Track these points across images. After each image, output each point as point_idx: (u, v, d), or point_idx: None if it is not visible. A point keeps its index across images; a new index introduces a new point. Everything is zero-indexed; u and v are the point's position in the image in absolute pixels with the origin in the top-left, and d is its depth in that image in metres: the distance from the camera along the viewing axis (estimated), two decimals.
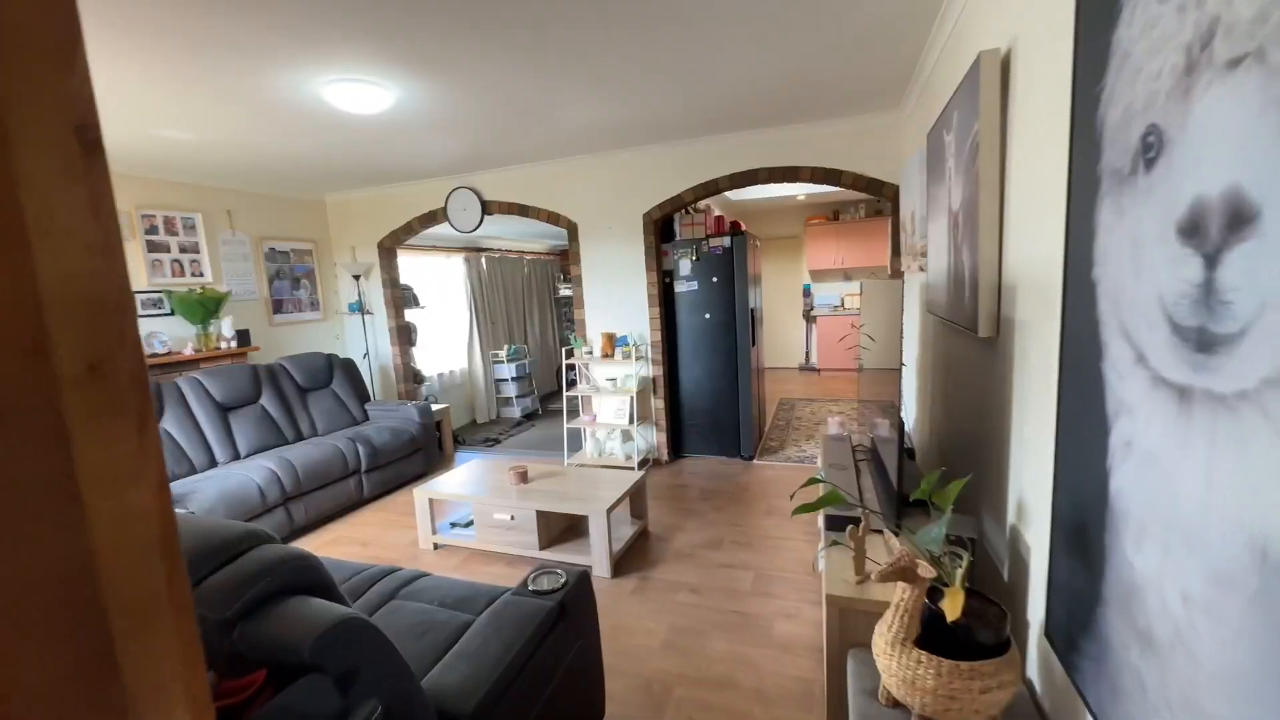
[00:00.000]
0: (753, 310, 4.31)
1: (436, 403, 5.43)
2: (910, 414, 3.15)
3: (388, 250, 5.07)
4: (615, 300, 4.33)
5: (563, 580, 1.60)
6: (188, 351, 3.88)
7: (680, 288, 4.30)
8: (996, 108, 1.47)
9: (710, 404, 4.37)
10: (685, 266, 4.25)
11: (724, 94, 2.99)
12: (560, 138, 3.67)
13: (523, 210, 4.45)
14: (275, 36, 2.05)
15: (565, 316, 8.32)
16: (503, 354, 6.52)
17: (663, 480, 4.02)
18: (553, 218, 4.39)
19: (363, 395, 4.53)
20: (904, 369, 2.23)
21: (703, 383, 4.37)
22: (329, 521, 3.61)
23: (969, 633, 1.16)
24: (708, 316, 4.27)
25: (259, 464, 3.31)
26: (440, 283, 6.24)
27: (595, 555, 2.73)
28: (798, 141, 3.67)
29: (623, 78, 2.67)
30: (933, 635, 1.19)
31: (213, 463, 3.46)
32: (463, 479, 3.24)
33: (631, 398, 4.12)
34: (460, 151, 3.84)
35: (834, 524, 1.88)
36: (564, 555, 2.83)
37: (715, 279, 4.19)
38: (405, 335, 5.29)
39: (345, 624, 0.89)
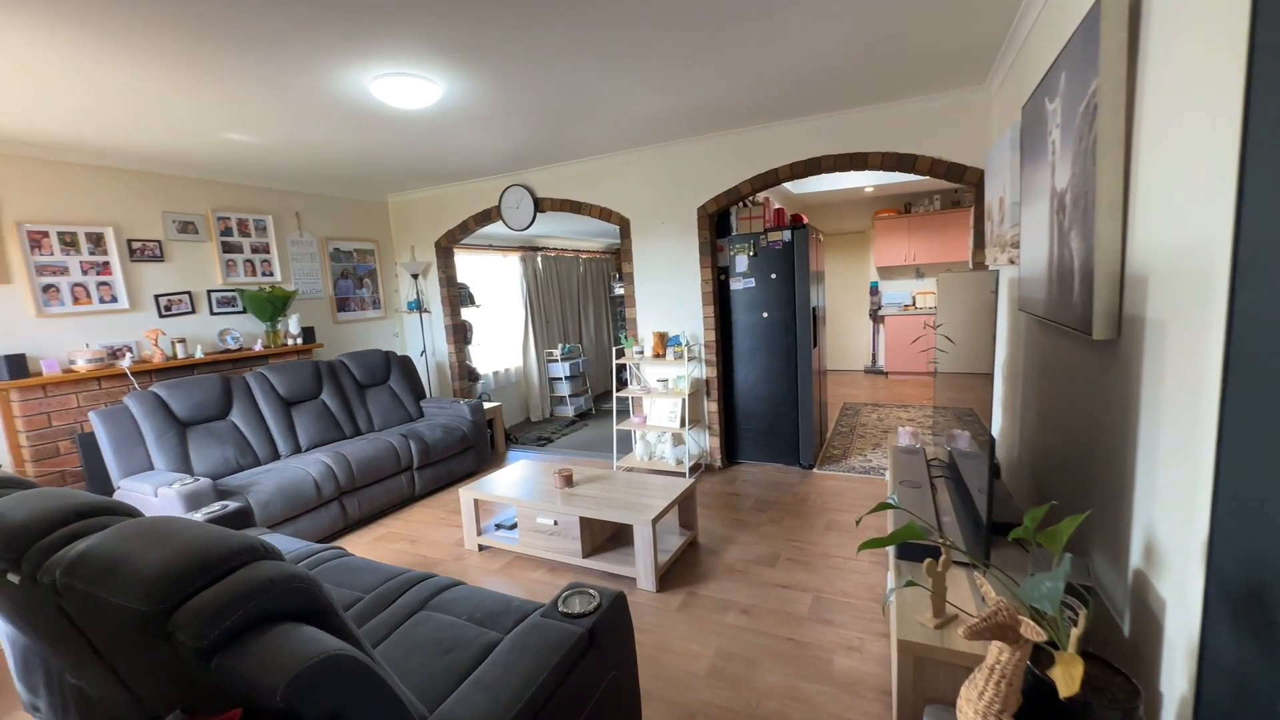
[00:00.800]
0: (814, 309, 4.03)
1: (490, 401, 5.47)
2: (994, 425, 2.81)
3: (444, 249, 5.14)
4: (667, 298, 4.17)
5: (595, 603, 1.46)
6: (257, 348, 4.05)
7: (736, 285, 4.08)
8: (1122, 58, 1.20)
9: (767, 408, 4.13)
10: (742, 262, 4.03)
11: (788, 76, 2.77)
12: (612, 130, 3.55)
13: (575, 207, 4.37)
14: (320, 30, 2.02)
15: (619, 316, 8.24)
16: (557, 353, 6.50)
17: (715, 488, 3.82)
18: (605, 214, 4.28)
19: (418, 392, 4.60)
20: (992, 375, 1.94)
21: (759, 385, 4.13)
22: (381, 517, 3.66)
23: (1088, 711, 0.92)
24: (765, 315, 4.03)
25: (316, 458, 3.39)
26: (496, 281, 6.29)
27: (640, 567, 2.59)
28: (867, 125, 3.37)
29: (680, 62, 2.51)
30: (1038, 709, 0.96)
31: (275, 455, 3.57)
32: (509, 480, 3.18)
33: (683, 400, 3.95)
34: (511, 148, 3.79)
35: (907, 553, 1.64)
36: (607, 564, 2.70)
37: (774, 275, 3.95)
38: (461, 333, 5.36)
39: (328, 662, 0.78)
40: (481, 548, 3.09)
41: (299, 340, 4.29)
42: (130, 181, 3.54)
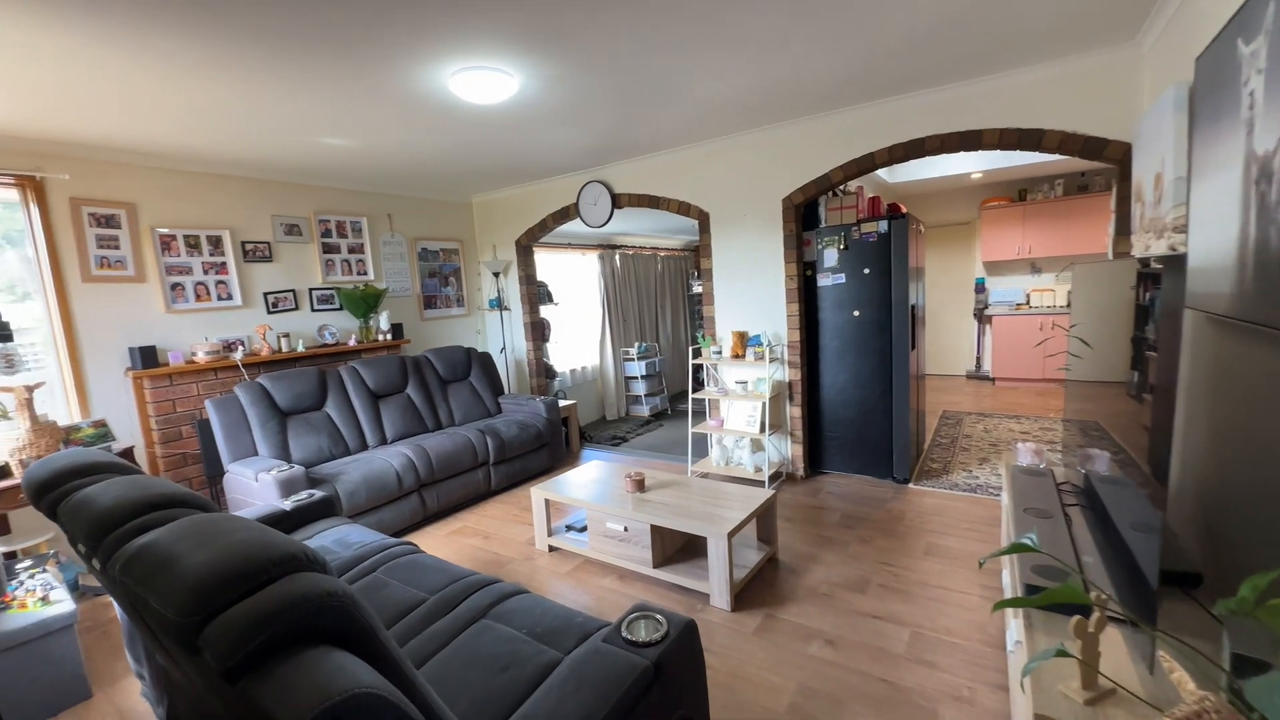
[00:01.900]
0: (913, 307, 3.65)
1: (566, 398, 5.48)
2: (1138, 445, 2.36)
3: (524, 248, 5.20)
4: (748, 296, 3.95)
5: (663, 631, 1.31)
6: (351, 343, 4.27)
7: (824, 281, 3.78)
8: None
9: (856, 414, 3.80)
10: (831, 257, 3.72)
11: (888, 49, 2.48)
12: (691, 120, 3.38)
13: (653, 201, 4.25)
14: (398, 26, 2.02)
15: (697, 314, 8.04)
16: (633, 352, 6.43)
17: (796, 499, 3.56)
18: (683, 208, 4.12)
19: (497, 388, 4.67)
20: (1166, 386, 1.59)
21: (848, 390, 3.81)
22: (458, 511, 3.73)
23: None
24: (856, 314, 3.70)
25: (399, 450, 3.50)
26: (575, 280, 6.32)
27: (714, 582, 2.41)
28: (981, 99, 2.98)
29: (767, 37, 2.31)
30: None
31: (363, 446, 3.73)
32: (581, 481, 3.11)
33: (763, 403, 3.71)
34: (588, 143, 3.73)
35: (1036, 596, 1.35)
36: (679, 577, 2.55)
37: (867, 270, 3.61)
38: (539, 331, 5.40)
39: (352, 701, 0.69)
40: (552, 549, 3.04)
41: (388, 336, 4.49)
42: (244, 188, 3.83)
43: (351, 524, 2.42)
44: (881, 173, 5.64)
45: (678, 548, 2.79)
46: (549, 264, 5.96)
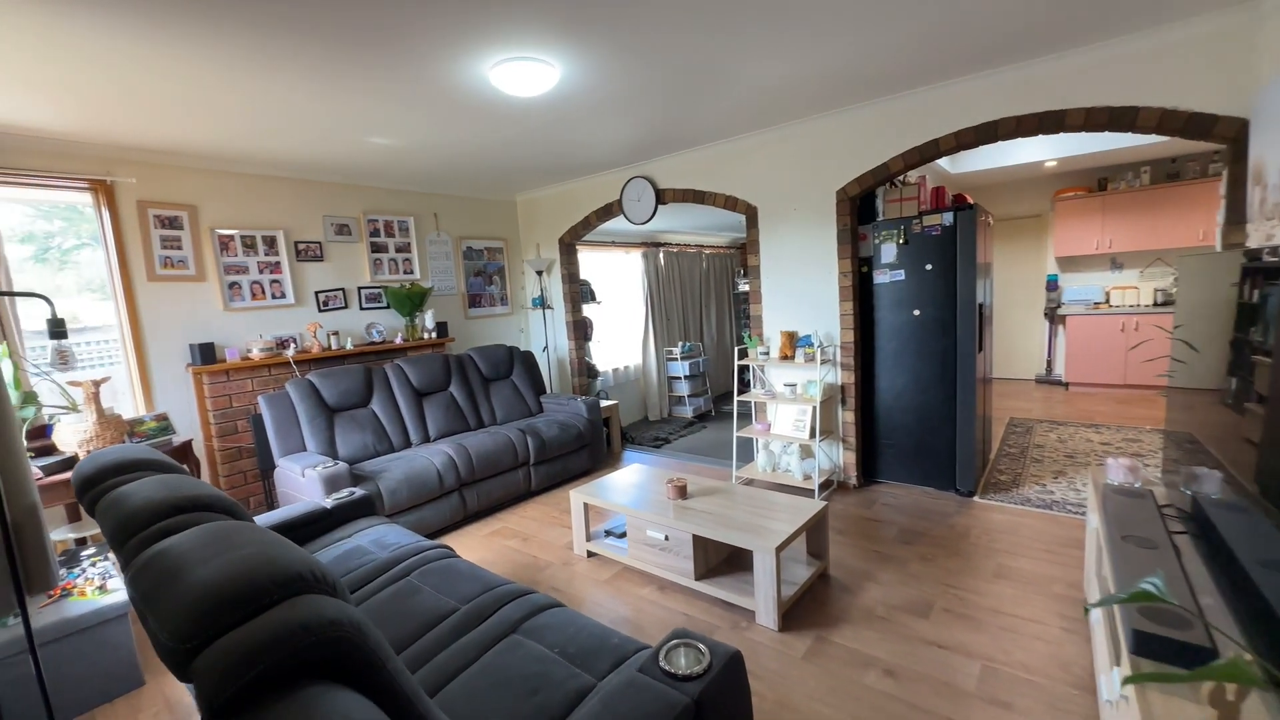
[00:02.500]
0: (980, 306, 3.37)
1: (608, 398, 5.41)
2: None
3: (567, 246, 5.15)
4: (798, 294, 3.75)
5: (705, 664, 1.19)
6: (398, 340, 4.32)
7: (881, 278, 3.54)
8: None
9: (915, 420, 3.54)
10: (889, 252, 3.48)
11: (957, 24, 2.26)
12: (739, 110, 3.22)
13: (698, 197, 4.11)
14: (437, 15, 1.97)
15: (744, 313, 7.83)
16: (676, 351, 6.30)
17: (849, 510, 3.34)
18: (730, 202, 3.96)
19: (539, 387, 4.64)
20: None
21: (906, 394, 3.56)
22: (497, 511, 3.70)
23: None
24: (917, 313, 3.44)
25: (440, 449, 3.50)
26: (618, 278, 6.24)
27: (760, 599, 2.26)
28: (1065, 75, 2.69)
29: (825, 14, 2.13)
30: None
31: (407, 443, 3.76)
32: (621, 485, 3.01)
33: (814, 407, 3.51)
34: (632, 137, 3.62)
35: (1153, 646, 1.15)
36: (722, 591, 2.41)
37: (929, 266, 3.36)
38: (581, 330, 5.35)
39: None
40: (590, 554, 2.96)
41: (433, 334, 4.53)
42: (297, 189, 3.92)
43: (390, 524, 2.40)
44: (942, 163, 5.29)
45: (721, 559, 2.65)
46: (592, 262, 5.91)
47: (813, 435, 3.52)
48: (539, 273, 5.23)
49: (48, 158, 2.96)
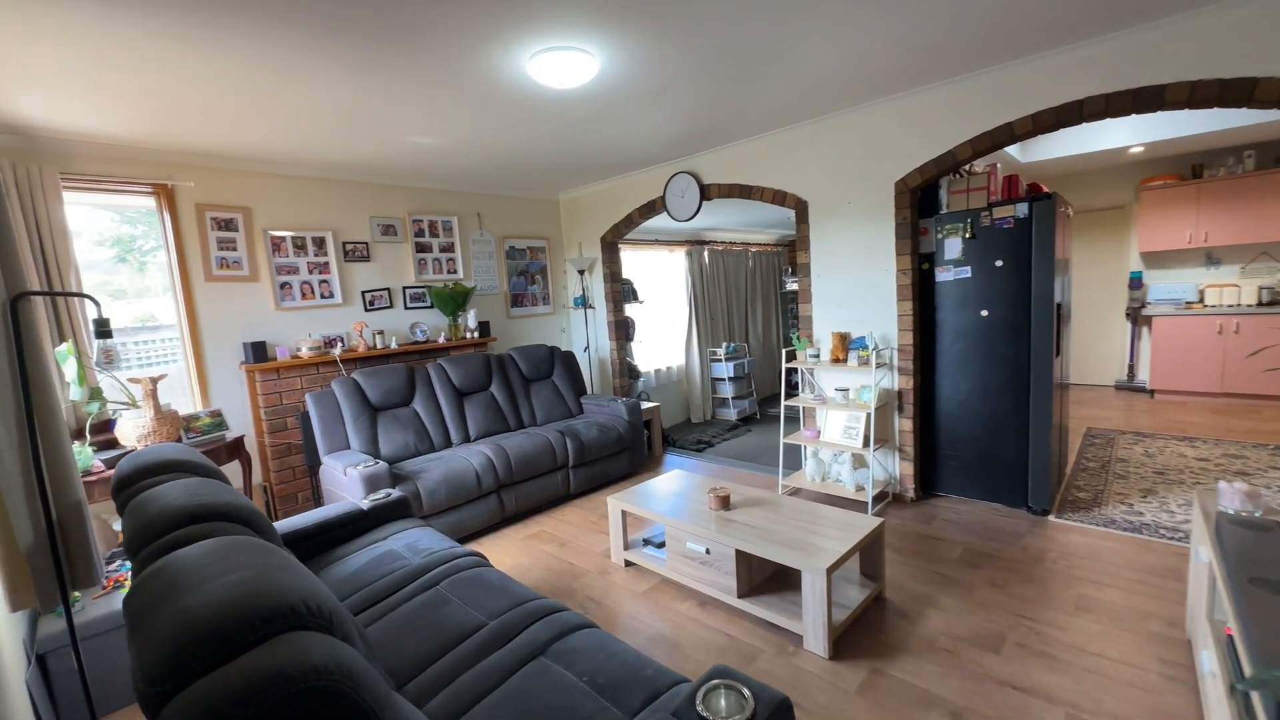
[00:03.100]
0: (1058, 306, 3.06)
1: (648, 400, 5.29)
2: None
3: (609, 245, 5.07)
4: (851, 293, 3.52)
5: (749, 712, 1.05)
6: (441, 340, 4.34)
7: (944, 275, 3.28)
8: None
9: (981, 429, 3.26)
10: (953, 247, 3.22)
11: None
12: (789, 99, 3.04)
13: (744, 191, 3.93)
14: (478, 9, 1.90)
15: (791, 313, 7.56)
16: (721, 352, 6.13)
17: (906, 525, 3.10)
18: (778, 197, 3.77)
19: (579, 388, 4.57)
20: None
21: (971, 401, 3.28)
22: (536, 513, 3.65)
23: None
24: (984, 314, 3.16)
25: (479, 450, 3.47)
26: (661, 277, 6.12)
27: (809, 623, 2.09)
28: (1165, 45, 2.38)
29: None
30: None
31: (448, 443, 3.76)
32: (660, 492, 2.89)
33: (868, 414, 3.28)
34: (675, 131, 3.49)
35: None
36: (767, 611, 2.25)
37: (999, 263, 3.08)
38: (623, 330, 5.26)
39: None
40: (628, 564, 2.85)
41: (475, 334, 4.53)
42: (345, 190, 3.99)
43: (425, 527, 2.36)
44: (1011, 151, 4.91)
45: (766, 576, 2.49)
46: (634, 261, 5.80)
47: (866, 444, 3.29)
48: (581, 272, 5.17)
49: (115, 163, 3.09)
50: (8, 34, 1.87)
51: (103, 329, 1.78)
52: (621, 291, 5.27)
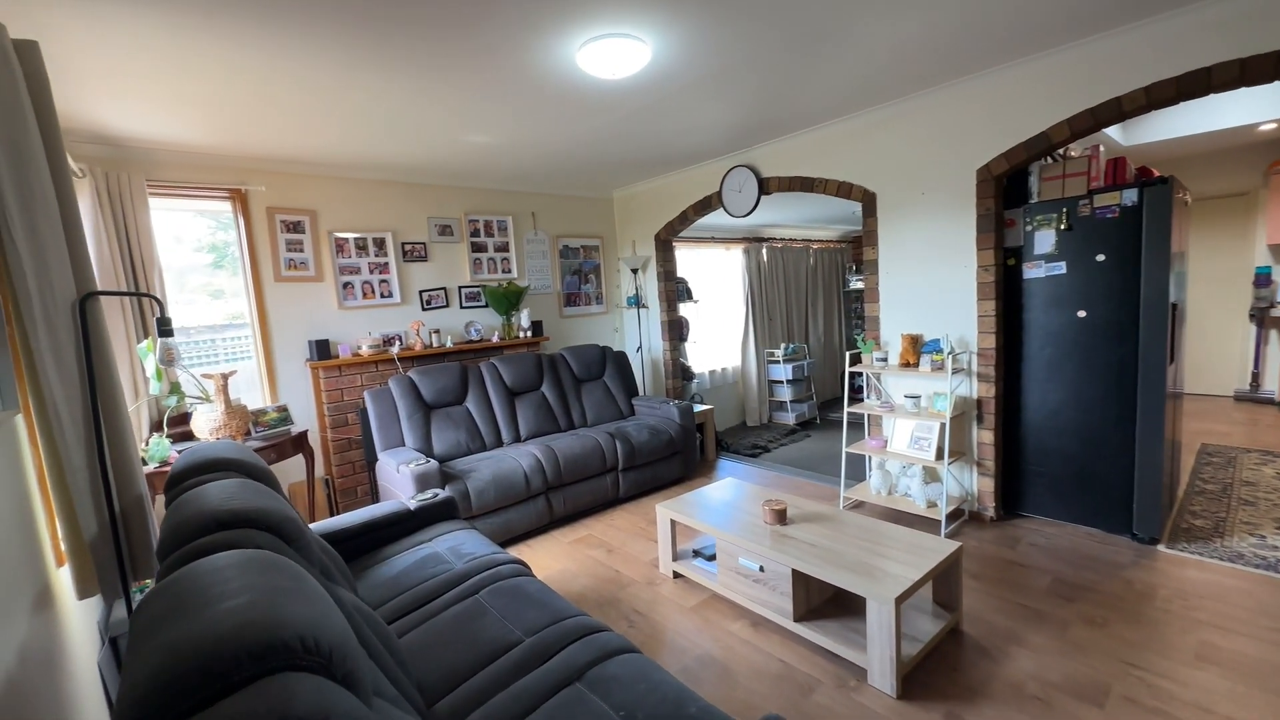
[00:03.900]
0: (1173, 306, 2.68)
1: (702, 402, 5.13)
2: None
3: (663, 242, 4.95)
4: (924, 292, 3.24)
5: None
6: (494, 339, 4.37)
7: (1032, 272, 2.95)
8: None
9: (1076, 444, 2.91)
10: (1045, 240, 2.89)
11: None
12: (859, 81, 2.81)
13: (806, 184, 3.71)
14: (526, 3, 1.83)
15: (855, 313, 7.18)
16: (779, 353, 5.88)
17: (986, 549, 2.81)
18: (843, 189, 3.53)
19: (631, 389, 4.48)
20: None
21: (1065, 412, 2.93)
22: (584, 516, 3.58)
23: None
24: (1082, 314, 2.82)
25: (528, 450, 3.44)
26: (717, 276, 5.94)
27: (874, 656, 1.90)
28: None
29: None
30: None
31: (499, 442, 3.76)
32: (712, 501, 2.75)
33: (942, 424, 3.00)
34: (732, 121, 3.33)
35: None
36: (827, 639, 2.07)
37: (1101, 257, 2.73)
38: (677, 330, 5.13)
39: None
40: (676, 575, 2.72)
41: (528, 333, 4.53)
42: (404, 192, 4.07)
43: (470, 529, 2.33)
44: (1111, 133, 4.40)
45: (826, 598, 2.30)
46: (689, 260, 5.66)
47: (940, 456, 3.02)
48: (634, 271, 5.08)
49: (195, 170, 3.26)
50: (87, 46, 1.96)
51: (164, 328, 1.83)
52: (675, 290, 5.14)
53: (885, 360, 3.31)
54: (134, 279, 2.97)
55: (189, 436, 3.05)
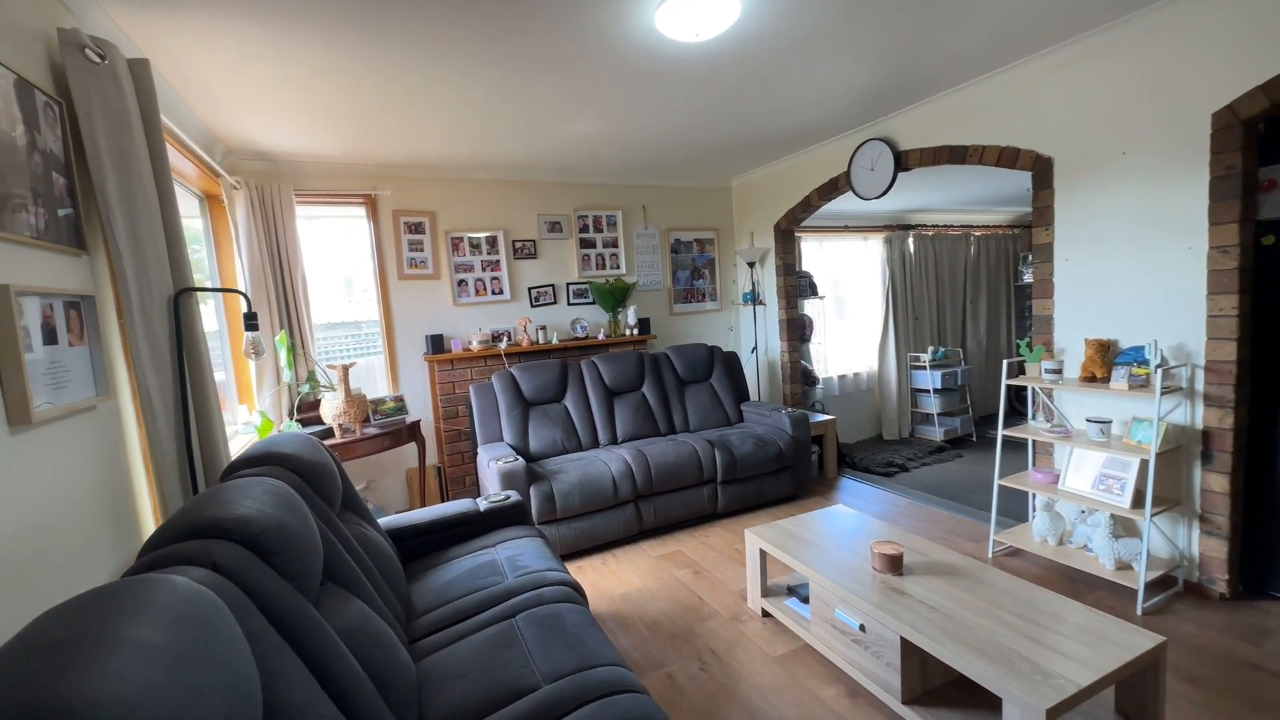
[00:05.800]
0: None
1: (824, 411, 4.58)
2: None
3: (784, 232, 4.48)
4: (1120, 283, 2.45)
5: None
6: (600, 336, 4.28)
7: None
8: None
9: None
10: None
11: None
12: (1023, 16, 2.18)
13: (955, 155, 3.05)
14: None
15: (1029, 311, 5.97)
16: (925, 358, 5.07)
17: (1210, 639, 2.03)
18: (1007, 156, 2.83)
19: (740, 394, 4.12)
20: None
21: None
22: (677, 530, 3.32)
23: None
24: None
25: (619, 454, 3.27)
26: (849, 269, 5.29)
27: None
28: None
29: None
30: None
31: (594, 443, 3.65)
32: (815, 531, 2.33)
33: (1145, 460, 2.24)
34: (856, 85, 2.82)
35: None
36: None
37: None
38: (797, 329, 4.63)
39: None
40: (766, 614, 2.35)
41: (635, 331, 4.37)
42: (515, 190, 4.14)
43: (535, 538, 2.21)
44: None
45: (950, 679, 1.79)
46: (818, 252, 5.10)
47: (1138, 503, 2.25)
48: (751, 264, 4.68)
49: (333, 179, 3.59)
50: (207, 63, 2.15)
51: (250, 323, 1.94)
52: (797, 285, 4.64)
53: (1058, 372, 2.57)
54: (280, 279, 3.33)
55: (317, 421, 3.36)
